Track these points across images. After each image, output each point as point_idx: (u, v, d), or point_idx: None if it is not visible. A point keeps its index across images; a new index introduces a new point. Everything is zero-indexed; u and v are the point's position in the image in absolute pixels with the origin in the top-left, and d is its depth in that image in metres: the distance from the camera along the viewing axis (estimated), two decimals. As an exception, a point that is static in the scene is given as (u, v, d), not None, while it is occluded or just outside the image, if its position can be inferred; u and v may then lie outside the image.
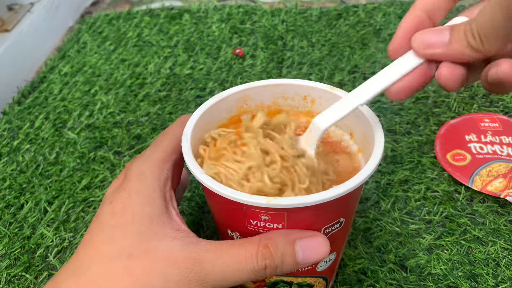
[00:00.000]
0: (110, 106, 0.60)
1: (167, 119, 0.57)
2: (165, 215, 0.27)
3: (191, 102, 0.60)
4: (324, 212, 0.28)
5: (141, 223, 0.26)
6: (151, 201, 0.27)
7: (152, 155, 0.30)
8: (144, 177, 0.29)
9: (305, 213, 0.28)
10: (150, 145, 0.32)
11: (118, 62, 0.68)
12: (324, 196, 0.27)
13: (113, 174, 0.50)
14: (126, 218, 0.27)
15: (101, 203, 0.29)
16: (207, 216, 0.46)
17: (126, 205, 0.27)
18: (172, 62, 0.67)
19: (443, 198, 0.46)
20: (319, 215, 0.28)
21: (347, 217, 0.31)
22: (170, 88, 0.63)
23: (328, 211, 0.29)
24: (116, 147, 0.54)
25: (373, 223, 0.44)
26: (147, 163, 0.29)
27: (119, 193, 0.28)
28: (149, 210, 0.27)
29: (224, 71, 0.65)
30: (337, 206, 0.29)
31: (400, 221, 0.44)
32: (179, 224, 0.28)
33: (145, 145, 0.54)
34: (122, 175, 0.31)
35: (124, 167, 0.51)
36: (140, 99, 0.61)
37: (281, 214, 0.28)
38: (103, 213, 0.28)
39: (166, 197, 0.29)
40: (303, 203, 0.26)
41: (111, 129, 0.56)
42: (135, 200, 0.27)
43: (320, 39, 0.69)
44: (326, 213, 0.29)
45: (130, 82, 0.64)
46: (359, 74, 0.62)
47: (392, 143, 0.52)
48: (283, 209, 0.27)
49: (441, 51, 0.27)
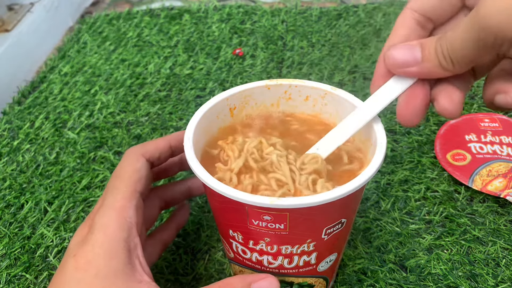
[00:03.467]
0: (110, 106, 0.60)
1: (167, 119, 0.57)
2: (128, 267, 0.28)
3: (191, 102, 0.60)
4: (327, 213, 0.28)
5: (105, 279, 0.27)
6: (114, 254, 0.28)
7: (113, 205, 0.30)
8: (108, 229, 0.29)
9: (308, 213, 0.28)
10: (106, 191, 0.32)
11: (118, 62, 0.68)
12: (327, 196, 0.27)
13: (113, 174, 0.50)
14: (90, 273, 0.27)
15: (65, 255, 0.29)
16: (208, 216, 0.46)
17: (90, 259, 0.28)
18: (172, 62, 0.67)
19: (443, 198, 0.46)
20: (321, 215, 0.28)
21: (348, 217, 0.31)
22: (170, 88, 0.62)
23: (331, 212, 0.29)
24: (116, 147, 0.54)
25: (373, 223, 0.44)
26: (109, 214, 0.30)
27: (83, 246, 0.28)
28: (113, 263, 0.27)
29: (224, 71, 0.65)
30: (339, 206, 0.29)
31: (400, 221, 0.44)
32: (141, 275, 0.28)
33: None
34: (86, 226, 0.31)
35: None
36: (140, 99, 0.61)
37: (283, 215, 0.28)
38: (67, 266, 0.28)
39: (130, 247, 0.29)
40: (306, 203, 0.26)
41: (111, 129, 0.56)
42: (99, 254, 0.28)
43: (320, 39, 0.69)
44: (329, 213, 0.29)
45: (130, 82, 0.64)
46: (359, 74, 0.62)
47: (392, 143, 0.52)
48: (285, 209, 0.27)
49: (415, 70, 0.27)
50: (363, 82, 0.61)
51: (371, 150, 0.32)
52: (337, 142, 0.31)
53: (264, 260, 0.32)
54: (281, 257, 0.31)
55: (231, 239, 0.32)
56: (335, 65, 0.64)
